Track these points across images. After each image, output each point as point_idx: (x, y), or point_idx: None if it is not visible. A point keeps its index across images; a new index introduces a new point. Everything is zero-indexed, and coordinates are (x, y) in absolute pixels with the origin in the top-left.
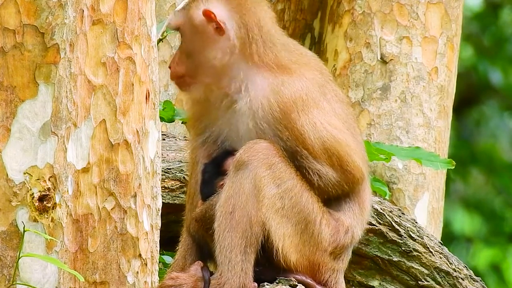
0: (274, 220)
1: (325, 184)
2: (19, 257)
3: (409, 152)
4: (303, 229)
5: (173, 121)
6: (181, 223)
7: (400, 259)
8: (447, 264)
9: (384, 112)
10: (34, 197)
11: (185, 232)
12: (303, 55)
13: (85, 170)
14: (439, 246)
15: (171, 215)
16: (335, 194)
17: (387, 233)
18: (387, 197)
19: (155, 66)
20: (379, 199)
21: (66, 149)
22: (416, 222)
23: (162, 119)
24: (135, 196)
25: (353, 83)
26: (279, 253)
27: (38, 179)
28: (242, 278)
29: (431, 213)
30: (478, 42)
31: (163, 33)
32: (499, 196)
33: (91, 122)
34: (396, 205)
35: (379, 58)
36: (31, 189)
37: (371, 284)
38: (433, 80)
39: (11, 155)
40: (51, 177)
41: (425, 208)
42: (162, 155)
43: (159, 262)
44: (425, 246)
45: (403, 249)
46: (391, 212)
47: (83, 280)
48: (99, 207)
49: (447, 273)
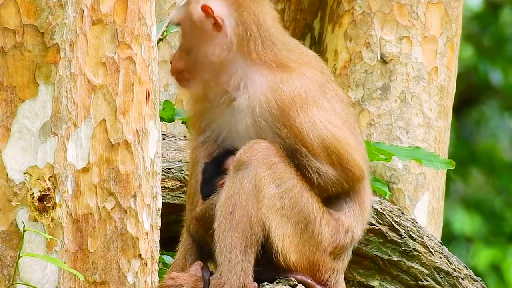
0: (274, 220)
1: (324, 182)
2: (19, 257)
3: (409, 152)
4: (303, 229)
5: (173, 121)
6: (181, 223)
7: (400, 259)
8: (447, 264)
9: (384, 112)
10: (34, 197)
11: (185, 232)
12: (304, 54)
13: (85, 170)
14: (439, 246)
15: (171, 215)
16: (335, 192)
17: (387, 233)
18: (387, 197)
19: (155, 66)
20: (379, 199)
21: (66, 149)
22: (416, 222)
23: (162, 119)
24: (135, 196)
25: (353, 83)
26: (279, 253)
27: (38, 179)
28: (242, 278)
29: (431, 213)
30: (478, 42)
31: (163, 33)
32: (499, 196)
33: (91, 122)
34: (396, 205)
35: (379, 58)
36: (31, 189)
37: (371, 284)
38: (433, 80)
39: (11, 155)
40: (51, 177)
41: (425, 208)
42: (162, 155)
43: (159, 262)
44: (425, 246)
45: (403, 249)
46: (391, 212)
47: (83, 279)
48: (99, 207)
49: (447, 273)
